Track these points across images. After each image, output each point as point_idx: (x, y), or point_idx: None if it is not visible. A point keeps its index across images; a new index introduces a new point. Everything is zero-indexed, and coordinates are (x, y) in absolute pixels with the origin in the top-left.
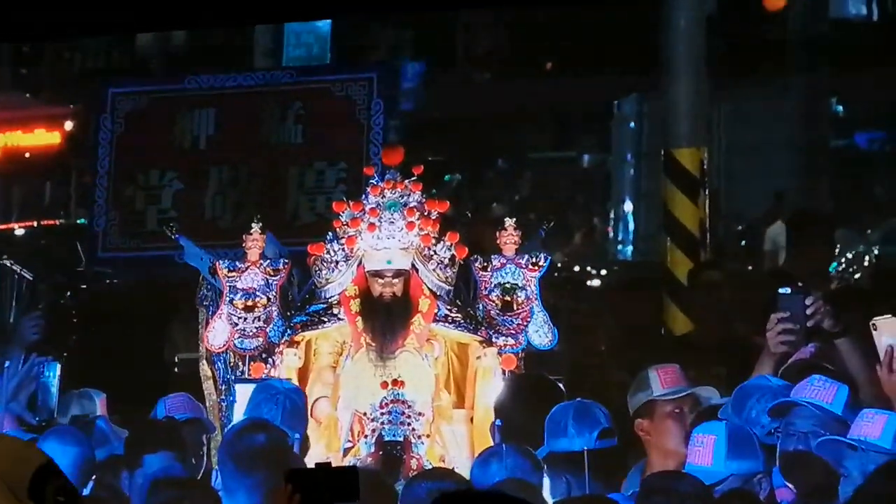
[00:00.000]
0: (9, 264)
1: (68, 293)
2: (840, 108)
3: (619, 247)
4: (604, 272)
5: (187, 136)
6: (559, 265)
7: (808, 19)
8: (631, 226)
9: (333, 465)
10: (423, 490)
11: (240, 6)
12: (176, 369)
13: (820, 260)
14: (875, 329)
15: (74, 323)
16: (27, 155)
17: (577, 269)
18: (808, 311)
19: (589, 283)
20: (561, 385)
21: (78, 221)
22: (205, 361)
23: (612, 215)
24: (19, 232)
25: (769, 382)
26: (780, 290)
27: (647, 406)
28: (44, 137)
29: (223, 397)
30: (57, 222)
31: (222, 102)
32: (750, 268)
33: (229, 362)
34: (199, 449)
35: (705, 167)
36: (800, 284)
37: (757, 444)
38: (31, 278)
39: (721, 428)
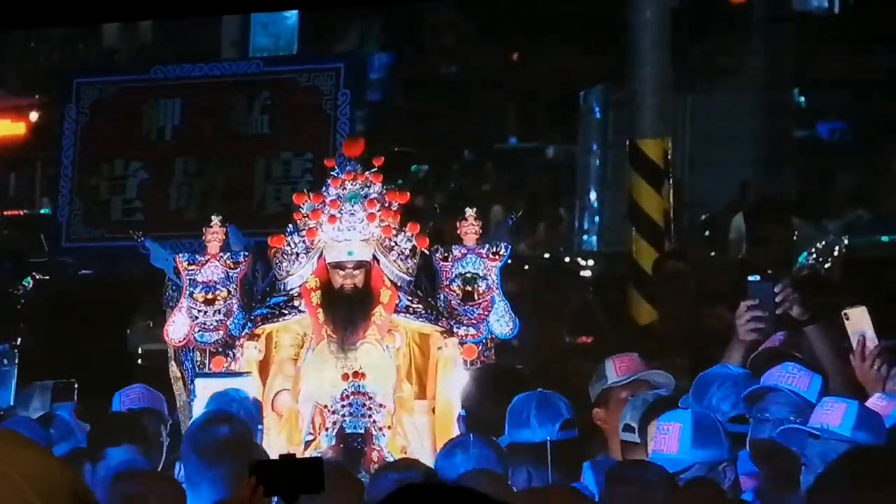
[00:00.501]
0: None
1: (25, 282)
2: (802, 98)
3: (585, 237)
4: (568, 261)
5: (153, 126)
6: (524, 255)
7: (770, 11)
8: (596, 216)
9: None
10: (389, 481)
11: None
12: (140, 360)
13: (779, 247)
14: (847, 319)
15: (28, 312)
16: None
17: (541, 258)
18: (777, 299)
19: (553, 272)
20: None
21: (41, 212)
22: (173, 362)
23: (577, 205)
24: None
25: (729, 370)
26: (750, 278)
27: (603, 394)
28: (8, 128)
29: (192, 397)
30: (21, 212)
31: (189, 93)
32: (713, 256)
33: (196, 362)
34: (157, 440)
35: (669, 157)
36: (769, 272)
37: (722, 431)
38: None
39: (686, 416)
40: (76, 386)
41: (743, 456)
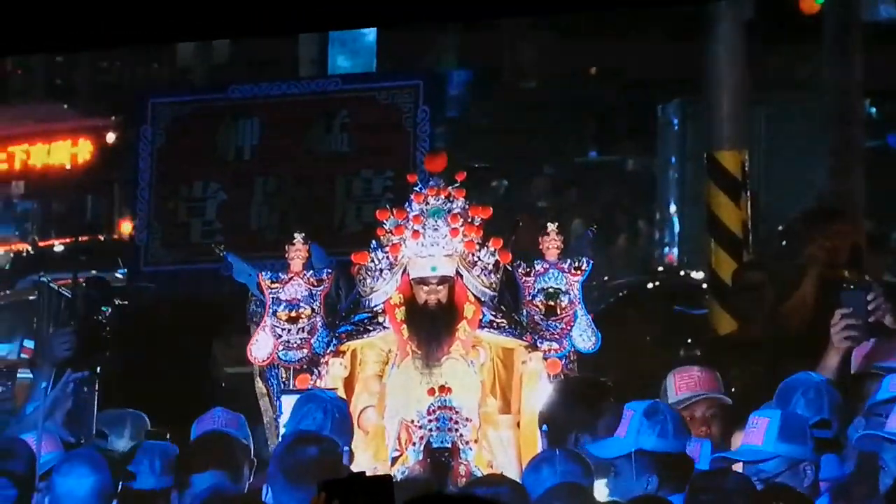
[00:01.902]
0: (46, 281)
1: (104, 308)
2: (873, 109)
3: (665, 249)
4: (649, 274)
5: (231, 146)
6: (605, 269)
7: (841, 22)
8: (676, 228)
9: (381, 474)
10: None
11: (284, 14)
12: (223, 384)
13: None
14: None
15: (111, 339)
16: (67, 167)
17: (622, 271)
18: (870, 307)
19: (634, 285)
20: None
21: (119, 236)
22: (258, 378)
23: (657, 218)
24: (58, 248)
25: (810, 377)
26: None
27: None
28: (83, 150)
29: (278, 413)
30: (99, 237)
31: (267, 111)
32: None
33: (281, 377)
34: (241, 463)
35: (747, 169)
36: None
37: (808, 432)
38: (69, 296)
39: (776, 413)
40: (168, 436)
41: (826, 460)
